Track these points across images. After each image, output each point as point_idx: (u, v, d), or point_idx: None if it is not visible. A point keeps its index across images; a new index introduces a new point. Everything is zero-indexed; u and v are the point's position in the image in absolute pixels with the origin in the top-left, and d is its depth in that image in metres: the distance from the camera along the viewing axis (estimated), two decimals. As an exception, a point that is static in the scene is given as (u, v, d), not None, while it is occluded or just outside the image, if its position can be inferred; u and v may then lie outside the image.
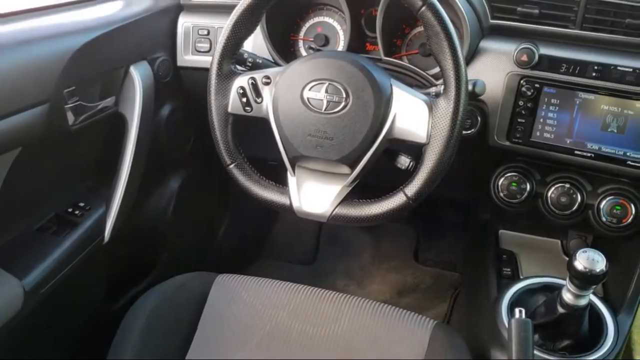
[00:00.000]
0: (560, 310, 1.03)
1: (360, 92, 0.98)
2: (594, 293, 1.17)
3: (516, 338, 0.83)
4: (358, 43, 1.34)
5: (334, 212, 1.03)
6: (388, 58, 1.24)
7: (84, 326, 1.38)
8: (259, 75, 1.06)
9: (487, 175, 1.29)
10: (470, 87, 1.03)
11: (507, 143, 1.20)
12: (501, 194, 1.24)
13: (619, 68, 1.08)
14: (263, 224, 2.13)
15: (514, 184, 1.22)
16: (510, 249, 1.41)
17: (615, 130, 1.11)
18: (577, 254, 0.96)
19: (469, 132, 1.21)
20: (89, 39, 1.16)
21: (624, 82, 1.08)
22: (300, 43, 1.41)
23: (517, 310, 0.87)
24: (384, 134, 0.99)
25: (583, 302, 1.01)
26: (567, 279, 1.00)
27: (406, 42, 1.33)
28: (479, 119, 1.20)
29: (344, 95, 0.98)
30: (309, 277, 1.99)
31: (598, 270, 0.94)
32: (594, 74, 1.10)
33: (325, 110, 0.99)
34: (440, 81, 0.97)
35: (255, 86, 1.06)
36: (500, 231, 1.47)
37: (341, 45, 1.35)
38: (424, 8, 0.93)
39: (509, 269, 1.32)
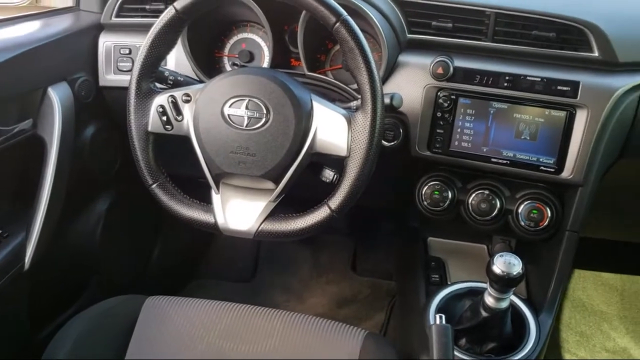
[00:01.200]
0: (484, 313, 1.06)
1: (281, 108, 0.99)
2: (516, 295, 1.21)
3: (437, 343, 0.85)
4: (283, 59, 1.34)
5: (260, 228, 1.03)
6: (311, 73, 1.26)
7: (9, 357, 1.32)
8: (179, 93, 1.05)
9: (412, 184, 1.32)
10: (387, 101, 1.06)
11: (428, 153, 1.23)
12: (425, 203, 1.27)
13: (528, 78, 1.13)
14: (199, 242, 2.10)
15: (436, 192, 1.25)
16: (439, 255, 1.45)
17: (528, 138, 1.16)
18: (495, 259, 0.99)
19: (392, 143, 1.24)
20: (3, 60, 1.12)
21: (533, 91, 1.13)
22: (225, 60, 1.41)
23: (437, 316, 0.89)
24: (306, 148, 1.00)
25: (504, 304, 1.05)
26: (488, 283, 1.03)
27: (330, 57, 1.35)
28: (401, 131, 1.23)
29: (265, 111, 0.99)
30: (247, 295, 1.97)
31: (515, 273, 0.98)
32: (505, 84, 1.15)
33: (246, 126, 1.00)
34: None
35: (175, 104, 1.05)
36: (429, 238, 1.50)
37: (266, 62, 1.35)
38: (337, 24, 0.95)
39: (437, 276, 1.35)
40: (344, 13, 0.96)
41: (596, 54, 1.11)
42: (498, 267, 0.98)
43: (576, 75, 1.12)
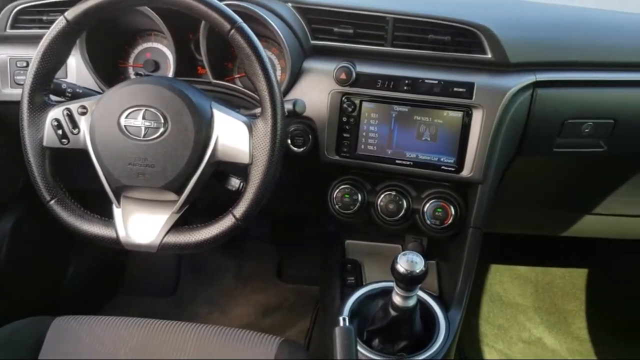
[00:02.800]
0: (393, 313, 1.08)
1: (179, 117, 0.97)
2: (427, 292, 1.24)
3: (339, 345, 0.85)
4: (189, 67, 1.33)
5: (164, 241, 1.01)
6: (217, 81, 1.25)
7: None
8: (74, 105, 1.02)
9: (325, 189, 1.33)
10: (290, 107, 1.07)
11: (337, 157, 1.24)
12: (337, 206, 1.28)
13: (426, 81, 1.17)
14: (117, 258, 2.04)
15: (346, 195, 1.27)
16: (355, 257, 1.46)
17: (429, 139, 1.19)
18: (398, 258, 1.01)
19: (302, 149, 1.24)
20: None
21: (431, 93, 1.17)
22: (130, 70, 1.38)
23: (341, 318, 0.90)
24: (208, 157, 0.99)
25: (411, 302, 1.07)
26: (394, 282, 1.05)
27: (237, 64, 1.34)
28: (310, 136, 1.24)
29: (162, 121, 0.97)
30: (169, 309, 1.93)
31: (418, 270, 1.00)
32: (405, 88, 1.17)
33: (144, 137, 0.98)
34: None
35: (71, 117, 1.02)
36: (347, 241, 1.52)
37: (171, 71, 1.33)
38: (232, 31, 0.95)
39: (352, 278, 1.36)
40: (239, 20, 0.96)
41: (489, 55, 1.16)
42: (401, 266, 1.00)
43: (471, 76, 1.16)
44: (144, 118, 0.98)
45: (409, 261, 1.00)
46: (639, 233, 1.55)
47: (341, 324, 0.89)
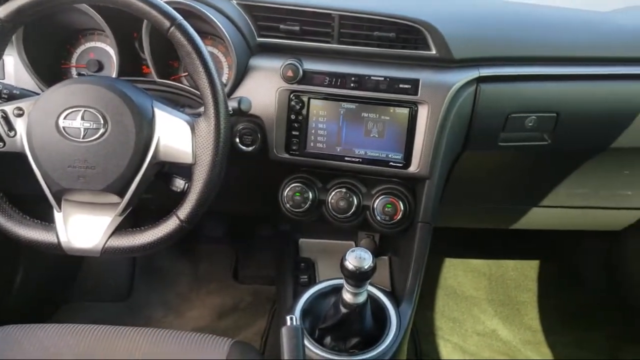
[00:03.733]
0: (343, 310, 1.08)
1: (119, 117, 0.95)
2: (379, 287, 1.25)
3: (286, 345, 0.85)
4: (134, 67, 1.30)
5: (107, 245, 0.98)
6: (162, 80, 1.23)
7: None
8: (10, 107, 0.99)
9: (276, 188, 1.32)
10: (235, 105, 1.06)
11: (287, 155, 1.23)
12: (287, 205, 1.27)
13: (372, 78, 1.17)
14: (68, 263, 1.98)
15: (297, 194, 1.26)
16: (309, 256, 1.46)
17: (377, 135, 1.19)
18: (346, 255, 1.01)
19: (250, 148, 1.23)
20: None
21: (378, 90, 1.17)
22: (73, 70, 1.34)
23: (288, 317, 0.89)
24: (150, 158, 0.97)
25: (361, 299, 1.07)
26: (344, 279, 1.05)
27: (183, 63, 1.32)
28: (259, 135, 1.22)
29: (102, 122, 0.95)
30: (123, 314, 1.89)
31: (366, 267, 1.01)
32: (352, 85, 1.18)
33: (83, 138, 0.95)
34: None
35: (6, 119, 0.99)
36: (300, 240, 1.51)
37: (115, 71, 1.30)
38: (172, 29, 0.93)
39: (305, 276, 1.36)
40: (179, 17, 0.94)
41: (433, 51, 1.17)
42: (350, 262, 1.00)
43: (416, 73, 1.17)
44: (83, 119, 0.95)
45: (357, 257, 1.01)
46: (584, 224, 1.59)
47: (288, 323, 0.88)
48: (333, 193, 1.26)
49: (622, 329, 1.83)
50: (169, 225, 0.98)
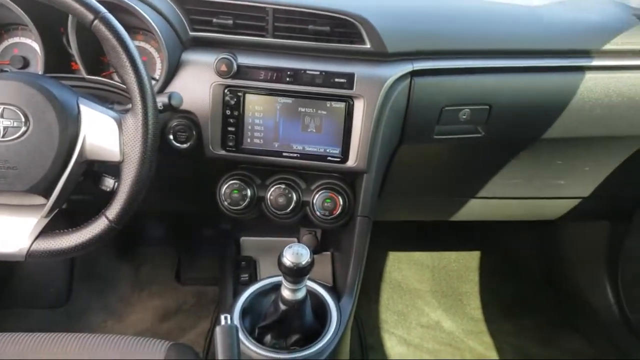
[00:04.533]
0: (282, 307, 1.07)
1: (42, 115, 0.91)
2: (320, 283, 1.24)
3: (221, 345, 0.83)
4: (62, 63, 1.25)
5: (32, 248, 0.94)
6: (91, 76, 1.19)
7: None
8: None
9: (214, 185, 1.29)
10: (166, 100, 1.03)
11: (223, 152, 1.21)
12: (225, 202, 1.25)
13: (308, 72, 1.16)
14: (0, 268, 1.89)
15: (235, 191, 1.24)
16: (250, 254, 1.44)
17: (314, 130, 1.19)
18: (284, 251, 1.00)
19: (185, 145, 1.20)
20: None
21: (314, 84, 1.16)
22: (-5, 67, 1.27)
23: (222, 317, 0.87)
24: (76, 156, 0.94)
25: (300, 295, 1.06)
26: (282, 276, 1.04)
27: (109, 57, 1.27)
28: (194, 132, 1.20)
29: (23, 119, 0.91)
30: (61, 321, 1.82)
31: (304, 262, 1.00)
32: (288, 79, 1.16)
33: (3, 137, 0.91)
34: None
35: None
36: (242, 238, 1.49)
37: (41, 67, 1.24)
38: (95, 22, 0.90)
39: (246, 275, 1.34)
40: (102, 10, 0.91)
41: (368, 45, 1.17)
42: (287, 259, 0.99)
43: (352, 67, 1.16)
44: (2, 117, 0.91)
45: (295, 253, 1.00)
46: (521, 214, 1.63)
47: (223, 322, 0.86)
48: (272, 189, 1.25)
49: (557, 315, 1.89)
50: (98, 226, 0.94)
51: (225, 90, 1.17)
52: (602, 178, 1.50)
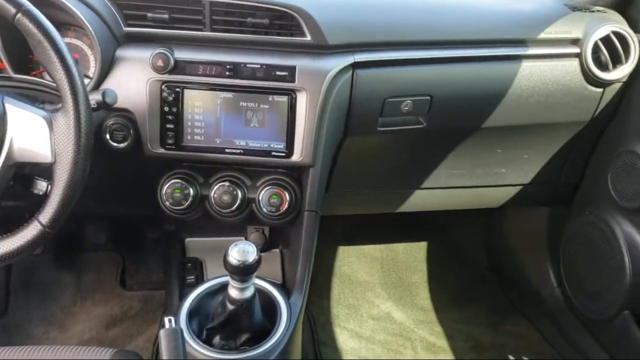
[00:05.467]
0: (230, 307, 1.04)
1: None
2: (269, 281, 1.22)
3: (166, 348, 0.80)
4: (-14, 62, 1.18)
5: None
6: (19, 75, 1.13)
7: None
8: None
9: (153, 185, 1.25)
10: (99, 97, 0.99)
11: (162, 150, 1.17)
12: (167, 203, 1.21)
13: (248, 65, 1.14)
14: None
15: (177, 190, 1.20)
16: (196, 255, 1.41)
17: (257, 125, 1.16)
18: (229, 249, 0.98)
19: (123, 145, 1.16)
20: None
21: (255, 78, 1.14)
22: None
23: (166, 319, 0.84)
24: (3, 158, 0.89)
25: (248, 293, 1.04)
26: (229, 275, 1.01)
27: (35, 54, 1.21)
28: (131, 130, 1.16)
29: None
30: (-2, 334, 1.72)
31: (251, 260, 0.98)
32: (228, 73, 1.14)
33: None
34: None
35: None
36: (187, 239, 1.46)
37: (-38, 67, 1.17)
38: (18, 16, 0.85)
39: (192, 277, 1.31)
40: (26, 3, 0.86)
41: (308, 38, 1.15)
42: (233, 257, 0.97)
43: (293, 60, 1.15)
44: None
45: (241, 251, 0.98)
46: (465, 203, 1.65)
47: (167, 325, 0.83)
48: (216, 187, 1.22)
49: (504, 301, 1.93)
50: (30, 231, 0.89)
51: (163, 86, 1.14)
52: (541, 165, 1.54)
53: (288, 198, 1.21)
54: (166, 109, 1.15)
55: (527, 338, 1.77)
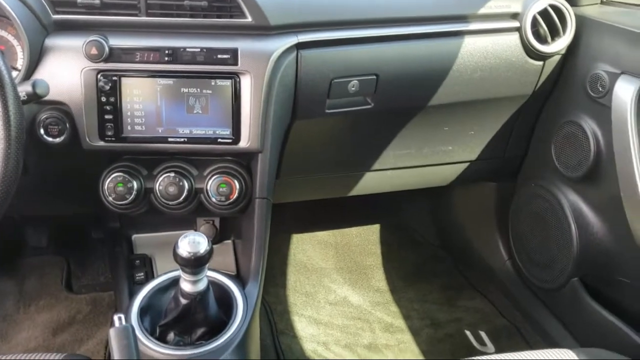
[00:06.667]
0: (183, 301, 1.01)
1: None
2: (224, 273, 1.19)
3: (117, 347, 0.76)
4: None
5: None
6: None
7: None
8: None
9: (95, 180, 1.19)
10: (29, 89, 0.93)
11: (102, 143, 1.12)
12: (110, 198, 1.16)
13: (188, 50, 1.10)
14: None
15: (120, 184, 1.15)
16: (145, 252, 1.36)
17: (200, 111, 1.12)
18: (179, 242, 0.94)
19: (59, 139, 1.11)
20: None
21: (196, 62, 1.10)
22: None
23: (115, 318, 0.80)
24: None
25: (201, 286, 1.00)
26: (180, 269, 0.97)
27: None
28: (67, 124, 1.10)
29: None
30: None
31: (202, 251, 0.94)
32: (166, 59, 1.09)
33: None
34: None
35: None
36: (134, 236, 1.40)
37: None
38: None
39: (142, 274, 1.26)
40: None
41: (249, 19, 1.12)
42: (183, 249, 0.93)
43: (235, 42, 1.11)
44: None
45: (191, 242, 0.94)
46: (414, 183, 1.66)
47: (116, 324, 0.79)
48: (161, 179, 1.17)
49: (456, 277, 1.96)
50: None
51: (99, 76, 1.08)
52: (487, 140, 1.56)
53: (237, 186, 1.18)
54: (103, 99, 1.09)
55: (482, 311, 1.80)
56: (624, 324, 1.33)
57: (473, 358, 1.01)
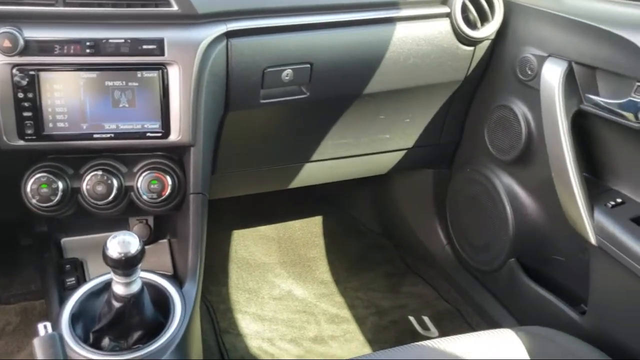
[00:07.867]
0: (117, 304, 0.96)
1: None
2: (160, 273, 1.14)
3: (43, 358, 0.71)
4: None
5: None
6: None
7: None
8: None
9: (16, 183, 1.12)
10: None
11: (21, 142, 1.06)
12: (34, 200, 1.09)
13: (111, 41, 1.05)
14: None
15: (44, 185, 1.09)
16: (76, 256, 1.29)
17: (127, 105, 1.08)
18: (108, 242, 0.90)
19: (-27, 140, 1.02)
20: None
21: (120, 54, 1.05)
22: None
23: (40, 326, 0.75)
24: None
25: (135, 288, 0.96)
26: (111, 271, 0.93)
27: None
28: None
29: None
30: None
31: (134, 251, 0.90)
32: (88, 51, 1.04)
33: None
34: None
35: None
36: (63, 240, 1.33)
37: None
38: None
39: (72, 279, 1.20)
40: None
41: (175, 7, 1.08)
42: (113, 250, 0.89)
43: (161, 32, 1.07)
44: None
45: (122, 242, 0.90)
46: (354, 172, 1.66)
47: (41, 332, 0.74)
48: (87, 178, 1.11)
49: (398, 264, 1.98)
50: None
51: (14, 70, 1.02)
52: (422, 127, 1.57)
53: (170, 182, 1.14)
54: (20, 95, 1.03)
55: (425, 297, 1.82)
56: (560, 301, 1.37)
57: (416, 343, 1.01)
